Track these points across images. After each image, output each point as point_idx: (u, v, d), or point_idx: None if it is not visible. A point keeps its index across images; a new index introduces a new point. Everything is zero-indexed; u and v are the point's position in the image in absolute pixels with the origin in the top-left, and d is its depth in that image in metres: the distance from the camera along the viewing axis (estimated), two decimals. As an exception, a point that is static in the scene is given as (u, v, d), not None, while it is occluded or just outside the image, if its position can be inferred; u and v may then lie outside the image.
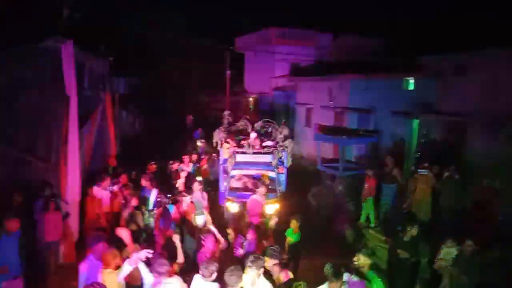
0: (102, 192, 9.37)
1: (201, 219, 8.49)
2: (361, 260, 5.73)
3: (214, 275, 5.09)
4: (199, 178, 11.56)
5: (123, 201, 9.07)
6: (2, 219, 6.54)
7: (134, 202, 8.29)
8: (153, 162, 11.49)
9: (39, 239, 7.99)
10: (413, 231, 7.19)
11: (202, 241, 6.63)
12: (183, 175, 11.45)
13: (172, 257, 6.12)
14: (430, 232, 8.57)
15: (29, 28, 11.16)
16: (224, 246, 7.21)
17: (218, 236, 7.11)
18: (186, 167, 12.08)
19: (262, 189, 9.37)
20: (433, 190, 9.74)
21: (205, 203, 9.24)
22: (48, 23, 10.88)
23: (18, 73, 8.64)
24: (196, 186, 9.27)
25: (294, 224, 7.88)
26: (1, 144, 8.26)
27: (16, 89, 8.58)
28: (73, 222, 8.94)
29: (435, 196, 9.66)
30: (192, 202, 8.41)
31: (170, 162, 12.08)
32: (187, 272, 5.85)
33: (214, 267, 5.10)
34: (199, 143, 16.17)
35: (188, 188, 9.59)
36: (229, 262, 5.85)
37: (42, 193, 8.30)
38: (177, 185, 11.12)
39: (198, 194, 9.15)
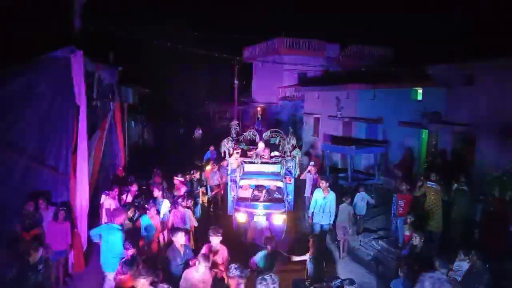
0: (110, 201, 9.40)
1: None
2: None
3: None
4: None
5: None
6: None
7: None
8: (158, 172, 11.57)
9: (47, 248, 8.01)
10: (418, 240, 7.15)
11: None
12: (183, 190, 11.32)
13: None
14: (442, 245, 8.46)
15: (40, 38, 11.31)
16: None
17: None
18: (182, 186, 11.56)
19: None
20: (444, 201, 9.60)
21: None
22: (59, 33, 11.01)
23: (29, 82, 8.72)
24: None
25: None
26: (11, 152, 8.31)
27: (27, 98, 8.66)
28: (82, 232, 8.95)
29: (446, 207, 9.52)
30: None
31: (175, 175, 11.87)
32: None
33: None
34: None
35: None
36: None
37: (50, 203, 8.38)
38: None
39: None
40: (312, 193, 10.80)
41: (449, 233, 9.42)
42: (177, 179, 11.12)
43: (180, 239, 6.87)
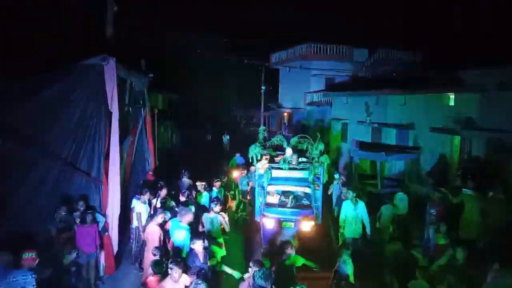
0: (141, 205, 9.54)
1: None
2: None
3: None
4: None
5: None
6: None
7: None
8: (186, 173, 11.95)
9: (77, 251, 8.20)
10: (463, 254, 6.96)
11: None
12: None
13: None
14: (479, 255, 8.18)
15: (74, 46, 11.64)
16: None
17: None
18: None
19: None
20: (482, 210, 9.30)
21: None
22: (93, 41, 11.31)
23: (63, 89, 8.97)
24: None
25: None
26: (45, 157, 8.55)
27: (61, 104, 8.91)
28: (113, 236, 9.12)
29: (482, 216, 9.23)
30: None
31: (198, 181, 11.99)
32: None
33: None
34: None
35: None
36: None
37: (78, 207, 8.59)
38: None
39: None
40: (337, 204, 10.71)
41: (483, 243, 9.10)
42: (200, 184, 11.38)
43: (198, 247, 6.93)
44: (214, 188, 11.43)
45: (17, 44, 11.84)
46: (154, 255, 7.05)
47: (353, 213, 9.79)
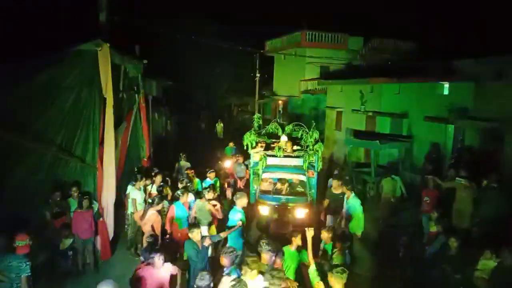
0: (136, 192, 9.56)
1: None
2: None
3: None
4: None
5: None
6: None
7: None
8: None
9: (74, 236, 8.24)
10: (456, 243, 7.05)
11: None
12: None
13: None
14: (470, 243, 8.30)
15: (68, 31, 11.50)
16: None
17: None
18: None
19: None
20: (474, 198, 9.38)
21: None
22: (86, 26, 11.17)
23: (57, 75, 8.90)
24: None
25: (325, 235, 7.44)
26: (40, 143, 8.52)
27: (55, 90, 8.84)
28: (109, 221, 9.15)
29: (475, 205, 9.32)
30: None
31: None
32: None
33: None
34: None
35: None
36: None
37: (72, 192, 8.62)
38: None
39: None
40: None
41: (476, 231, 9.22)
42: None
43: (196, 235, 6.92)
44: (208, 179, 11.42)
45: (9, 29, 11.69)
46: (148, 242, 7.08)
47: (345, 207, 9.45)
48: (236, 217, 8.17)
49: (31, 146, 8.37)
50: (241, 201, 8.38)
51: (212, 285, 5.35)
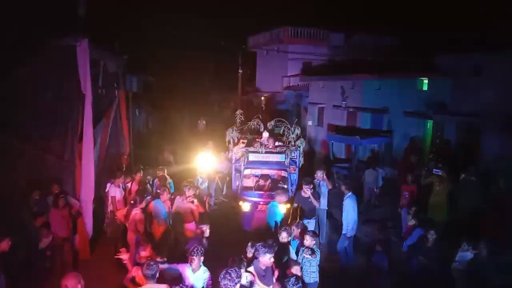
0: (115, 189, 9.45)
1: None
2: None
3: None
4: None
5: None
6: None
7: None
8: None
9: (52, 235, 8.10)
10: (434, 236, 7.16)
11: None
12: None
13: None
14: (447, 235, 8.45)
15: (46, 26, 11.25)
16: None
17: None
18: None
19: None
20: (450, 191, 9.56)
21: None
22: (64, 21, 10.96)
23: (34, 70, 8.72)
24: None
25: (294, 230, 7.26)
26: (17, 140, 8.35)
27: (32, 86, 8.68)
28: (87, 219, 9.01)
29: (451, 197, 9.51)
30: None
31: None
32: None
33: None
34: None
35: None
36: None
37: (51, 191, 8.45)
38: None
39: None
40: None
41: (453, 224, 9.40)
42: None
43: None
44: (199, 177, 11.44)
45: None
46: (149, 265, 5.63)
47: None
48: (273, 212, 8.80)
49: (8, 142, 8.20)
50: (280, 198, 9.06)
51: None
